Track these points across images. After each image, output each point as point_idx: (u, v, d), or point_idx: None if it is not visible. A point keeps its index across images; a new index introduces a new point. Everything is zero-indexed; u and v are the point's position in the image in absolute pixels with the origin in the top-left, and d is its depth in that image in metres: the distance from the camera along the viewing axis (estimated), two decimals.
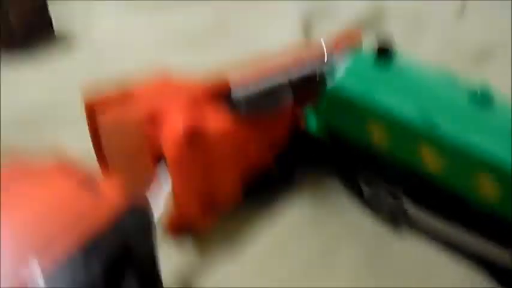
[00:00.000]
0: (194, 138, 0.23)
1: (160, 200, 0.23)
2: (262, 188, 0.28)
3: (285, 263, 0.26)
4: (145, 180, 0.25)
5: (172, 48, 0.54)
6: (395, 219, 0.30)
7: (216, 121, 0.25)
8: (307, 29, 0.62)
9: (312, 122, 0.31)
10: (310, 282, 0.26)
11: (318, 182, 0.32)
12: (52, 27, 0.54)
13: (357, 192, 0.31)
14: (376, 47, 0.30)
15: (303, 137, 0.30)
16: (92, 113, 0.27)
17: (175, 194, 0.23)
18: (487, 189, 0.25)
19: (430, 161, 0.26)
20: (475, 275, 0.27)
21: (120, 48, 0.55)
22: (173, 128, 0.23)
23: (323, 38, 0.41)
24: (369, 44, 0.33)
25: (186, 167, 0.23)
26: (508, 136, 0.26)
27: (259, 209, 0.28)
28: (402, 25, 0.72)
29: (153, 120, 0.23)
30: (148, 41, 0.57)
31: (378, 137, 0.27)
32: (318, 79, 0.34)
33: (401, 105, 0.26)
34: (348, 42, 0.41)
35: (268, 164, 0.28)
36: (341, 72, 0.30)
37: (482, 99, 0.28)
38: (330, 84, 0.30)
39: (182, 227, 0.26)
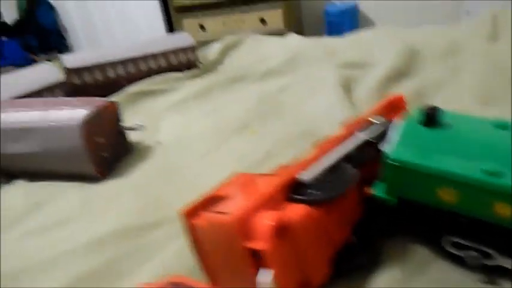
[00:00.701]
0: (282, 231, 0.26)
1: None
2: (347, 261, 0.29)
3: None
4: (243, 276, 0.27)
5: (229, 137, 0.58)
6: (492, 274, 0.29)
7: (296, 212, 0.28)
8: (348, 92, 0.66)
9: (380, 191, 0.31)
10: None
11: (402, 247, 0.32)
12: (128, 142, 0.61)
13: (444, 254, 0.31)
14: (423, 108, 0.32)
15: (374, 206, 0.31)
16: (189, 220, 0.31)
17: (278, 283, 0.25)
18: None
19: (501, 212, 0.27)
20: None
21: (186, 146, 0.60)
22: (262, 225, 0.26)
23: (369, 107, 0.43)
24: (415, 107, 0.35)
25: (279, 257, 0.26)
26: None
27: (348, 281, 0.29)
28: (439, 61, 0.72)
29: (242, 220, 0.26)
30: (203, 133, 0.62)
31: (448, 199, 0.28)
32: (374, 146, 0.36)
33: (463, 165, 0.27)
34: (394, 105, 0.44)
35: (348, 238, 0.30)
36: (395, 138, 0.31)
37: None
38: (386, 150, 0.32)
39: None
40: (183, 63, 0.87)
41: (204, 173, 0.49)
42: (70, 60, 0.82)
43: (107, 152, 0.53)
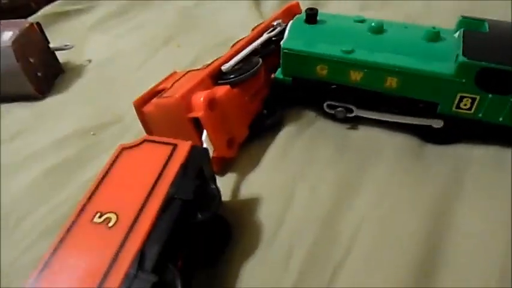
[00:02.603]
0: (211, 103, 0.37)
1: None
2: (259, 124, 0.43)
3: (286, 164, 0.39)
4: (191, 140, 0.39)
5: (156, 51, 0.64)
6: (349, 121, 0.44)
7: (221, 90, 0.39)
8: (257, 5, 0.75)
9: (279, 74, 0.43)
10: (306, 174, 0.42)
11: (297, 112, 0.46)
12: (59, 62, 0.65)
13: (324, 114, 0.46)
14: (306, 10, 0.43)
15: (277, 85, 0.45)
16: (139, 108, 0.41)
17: (211, 140, 0.38)
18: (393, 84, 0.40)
19: (355, 78, 0.39)
20: (407, 138, 0.40)
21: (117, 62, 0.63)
22: (197, 101, 0.37)
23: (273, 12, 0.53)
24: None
25: (211, 122, 0.38)
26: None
27: (262, 138, 0.43)
28: None
29: (183, 99, 0.37)
30: (132, 49, 0.65)
31: (322, 73, 0.39)
32: (276, 43, 0.48)
33: (331, 48, 0.38)
34: (291, 11, 0.55)
35: (260, 109, 0.43)
36: (288, 35, 0.41)
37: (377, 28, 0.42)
38: (283, 45, 0.44)
39: (219, 160, 0.41)
40: None
41: (142, 81, 0.57)
42: None
43: (41, 71, 0.57)
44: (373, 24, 0.39)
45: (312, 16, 0.41)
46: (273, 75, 0.44)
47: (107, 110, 0.53)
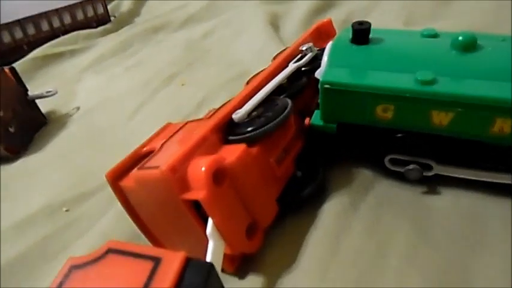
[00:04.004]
0: (218, 175, 0.23)
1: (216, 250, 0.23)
2: (293, 195, 0.28)
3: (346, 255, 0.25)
4: (191, 232, 0.25)
5: (157, 91, 0.53)
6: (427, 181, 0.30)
7: (232, 153, 0.25)
8: (276, 30, 0.62)
9: (317, 119, 0.30)
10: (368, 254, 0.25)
11: (347, 172, 0.31)
12: (40, 113, 0.54)
13: (387, 173, 0.31)
14: (352, 25, 0.30)
15: (314, 135, 0.30)
16: (114, 182, 0.28)
17: (222, 232, 0.24)
18: (501, 127, 0.25)
19: (439, 122, 0.25)
20: None
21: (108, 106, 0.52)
22: (197, 173, 0.23)
23: (298, 35, 0.40)
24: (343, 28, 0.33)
25: (220, 205, 0.24)
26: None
27: (299, 214, 0.28)
28: None
29: (174, 172, 0.23)
30: (128, 91, 0.55)
31: (385, 116, 0.27)
32: (308, 75, 0.34)
33: (398, 78, 0.26)
34: (323, 32, 0.42)
35: (292, 172, 0.28)
36: (327, 63, 0.29)
37: (465, 43, 0.26)
38: (318, 75, 0.30)
39: (235, 257, 0.27)
40: (91, 18, 0.78)
41: (136, 132, 0.45)
42: None
43: (14, 125, 0.47)
44: (460, 38, 0.25)
45: (362, 33, 0.28)
46: (307, 121, 0.30)
47: (89, 174, 0.40)
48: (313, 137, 0.31)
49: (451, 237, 0.26)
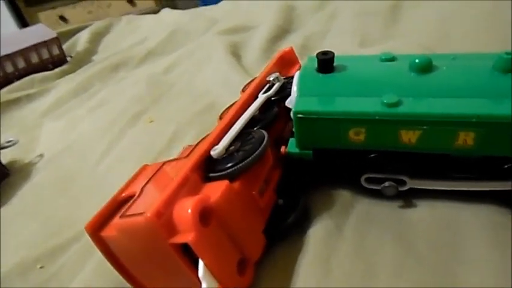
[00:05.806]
0: (204, 215, 0.23)
1: None
2: (278, 224, 0.28)
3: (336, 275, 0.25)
4: (179, 275, 0.24)
5: (123, 131, 0.52)
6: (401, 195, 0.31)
7: (216, 191, 0.25)
8: (238, 59, 0.64)
9: (293, 147, 0.31)
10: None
11: (327, 195, 0.32)
12: (3, 165, 0.51)
13: (365, 192, 0.31)
14: (316, 55, 0.31)
15: (291, 163, 0.31)
16: (95, 233, 0.27)
17: (213, 273, 0.23)
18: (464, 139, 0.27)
19: (408, 140, 0.27)
20: (493, 209, 0.28)
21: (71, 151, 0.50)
22: (183, 215, 0.23)
23: (261, 68, 0.41)
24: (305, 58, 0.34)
25: (209, 245, 0.23)
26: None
27: (286, 242, 0.28)
28: (316, 12, 0.73)
29: (159, 217, 0.23)
30: (94, 133, 0.53)
31: (357, 139, 0.28)
32: (279, 104, 0.35)
33: (366, 103, 0.27)
34: (286, 60, 0.44)
35: (274, 201, 0.29)
36: (297, 92, 0.30)
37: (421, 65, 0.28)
38: (289, 104, 0.31)
39: None
40: (47, 60, 0.76)
41: (107, 175, 0.44)
42: None
43: None
44: (417, 61, 0.27)
45: (327, 62, 0.29)
46: (283, 149, 0.31)
47: (61, 225, 0.38)
48: (291, 165, 0.32)
49: (434, 247, 0.27)
